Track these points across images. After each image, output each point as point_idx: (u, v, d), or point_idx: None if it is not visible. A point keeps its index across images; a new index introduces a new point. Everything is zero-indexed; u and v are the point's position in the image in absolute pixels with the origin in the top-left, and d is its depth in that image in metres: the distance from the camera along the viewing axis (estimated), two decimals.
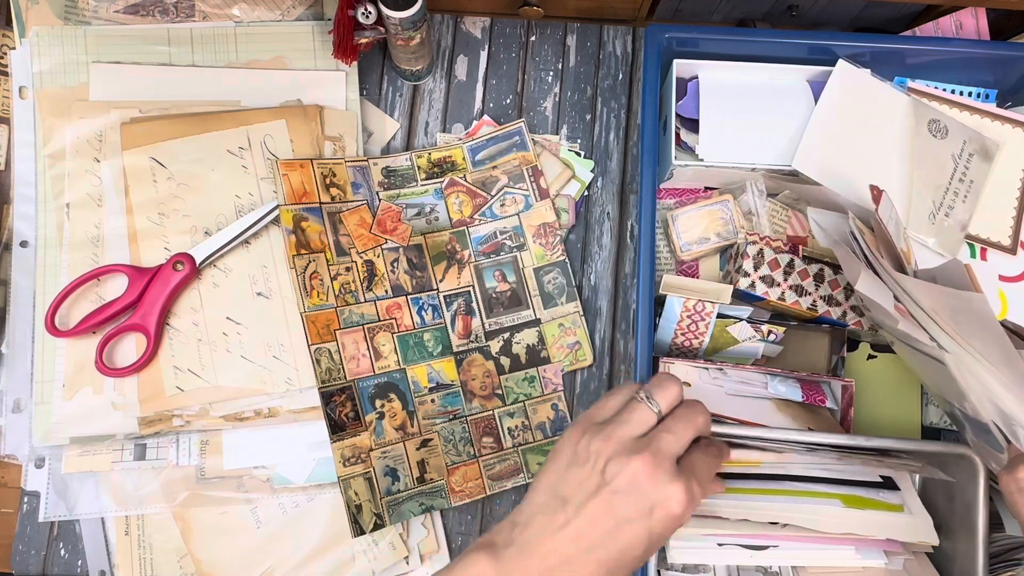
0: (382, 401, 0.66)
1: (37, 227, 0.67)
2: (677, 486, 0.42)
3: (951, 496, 0.56)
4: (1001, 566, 0.59)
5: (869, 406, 0.68)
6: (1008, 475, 0.47)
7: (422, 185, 0.71)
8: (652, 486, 0.41)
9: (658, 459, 0.42)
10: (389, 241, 0.69)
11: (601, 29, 0.76)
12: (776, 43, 0.64)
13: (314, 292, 0.66)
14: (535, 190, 0.71)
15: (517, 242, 0.71)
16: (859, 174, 0.62)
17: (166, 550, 0.64)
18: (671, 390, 0.45)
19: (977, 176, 0.63)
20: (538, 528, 0.42)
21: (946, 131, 0.63)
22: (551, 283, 0.71)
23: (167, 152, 0.68)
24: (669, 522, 0.42)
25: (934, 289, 0.49)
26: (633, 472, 0.41)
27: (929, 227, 0.62)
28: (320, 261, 0.67)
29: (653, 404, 0.45)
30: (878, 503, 0.54)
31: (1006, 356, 0.47)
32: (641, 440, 0.43)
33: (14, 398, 0.66)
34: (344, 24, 0.66)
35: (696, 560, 0.55)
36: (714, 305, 0.62)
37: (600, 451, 0.43)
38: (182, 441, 0.66)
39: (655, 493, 0.41)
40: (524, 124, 0.72)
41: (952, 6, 0.69)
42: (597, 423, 0.44)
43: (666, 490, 0.41)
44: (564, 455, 0.44)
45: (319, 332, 0.66)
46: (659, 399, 0.45)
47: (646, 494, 0.41)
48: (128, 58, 0.69)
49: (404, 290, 0.69)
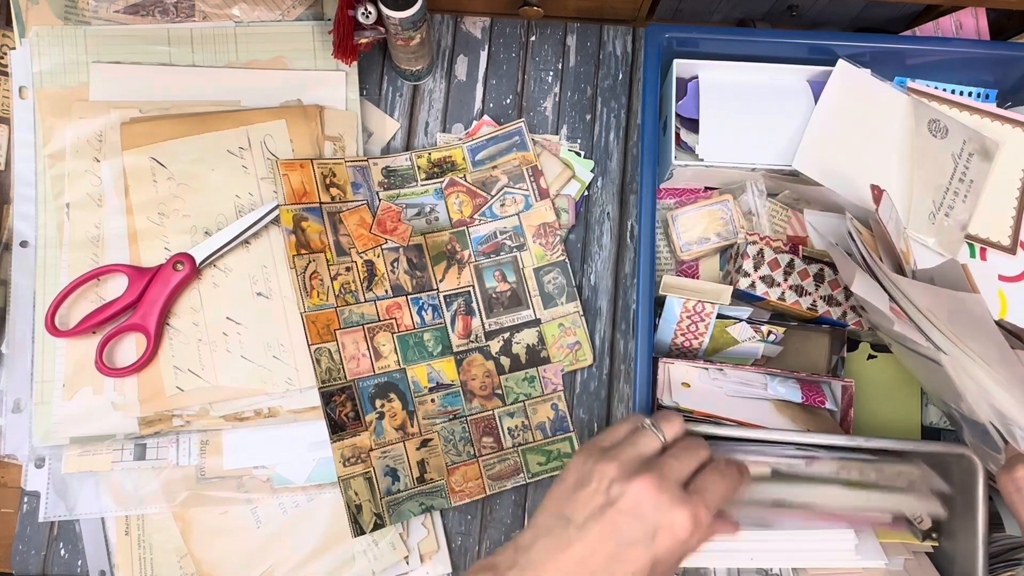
0: (382, 401, 0.66)
1: (37, 227, 0.67)
2: (682, 510, 0.41)
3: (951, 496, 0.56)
4: (1001, 566, 0.59)
5: (869, 406, 0.68)
6: (1006, 475, 0.48)
7: (422, 185, 0.71)
8: (656, 508, 0.41)
9: (664, 481, 0.42)
10: (389, 241, 0.69)
11: (601, 29, 0.76)
12: (776, 43, 0.64)
13: (314, 292, 0.66)
14: (535, 190, 0.71)
15: (517, 242, 0.71)
16: (859, 174, 0.62)
17: (166, 550, 0.65)
18: (675, 423, 0.46)
19: (977, 176, 0.63)
20: (541, 550, 0.42)
21: (946, 131, 0.63)
22: (551, 283, 0.71)
23: (167, 152, 0.68)
24: (674, 547, 0.41)
25: (930, 290, 0.49)
26: (638, 492, 0.41)
27: (929, 227, 0.62)
28: (320, 261, 0.67)
29: (659, 432, 0.45)
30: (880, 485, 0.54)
31: (1003, 356, 0.47)
32: (646, 463, 0.43)
33: (14, 398, 0.66)
34: (344, 24, 0.66)
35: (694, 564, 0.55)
36: (714, 306, 0.62)
37: (605, 472, 0.43)
38: (182, 441, 0.66)
39: (659, 516, 0.41)
40: (524, 124, 0.72)
41: (952, 6, 0.69)
42: (603, 448, 0.45)
43: (670, 514, 0.41)
44: (569, 478, 0.44)
45: (319, 332, 0.66)
46: (664, 429, 0.46)
47: (649, 516, 0.41)
48: (128, 58, 0.69)
49: (404, 290, 0.69)
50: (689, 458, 0.44)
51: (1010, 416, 0.49)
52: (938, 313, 0.49)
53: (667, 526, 0.41)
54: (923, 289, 0.49)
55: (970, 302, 0.46)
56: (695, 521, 0.41)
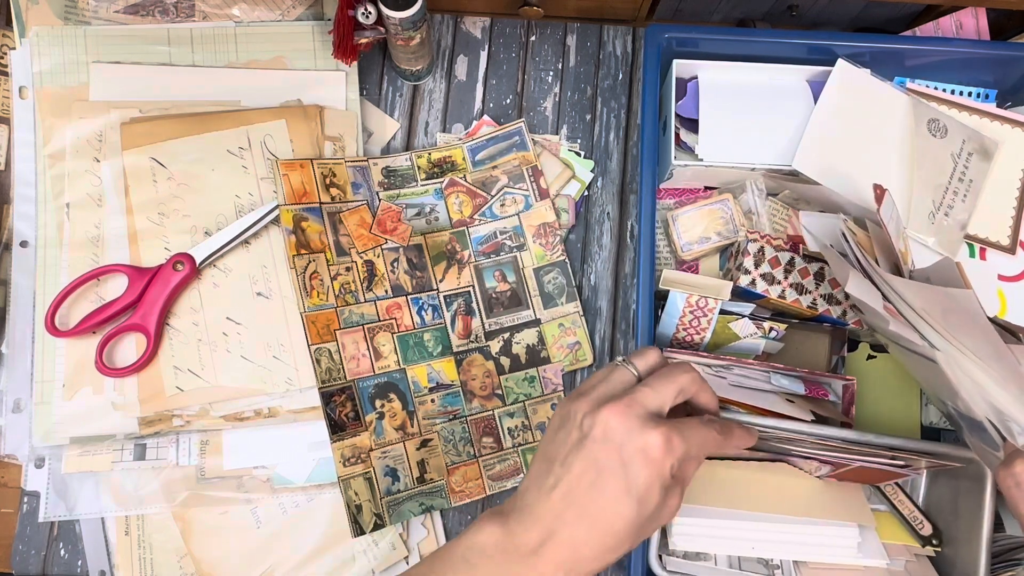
0: (382, 401, 0.66)
1: (37, 227, 0.67)
2: (653, 432, 0.41)
3: (956, 499, 0.56)
4: (1001, 566, 0.59)
5: (869, 406, 0.68)
6: (1005, 471, 0.48)
7: (422, 185, 0.71)
8: (627, 432, 0.42)
9: (631, 407, 0.42)
10: (389, 241, 0.69)
11: (601, 29, 0.76)
12: (776, 43, 0.64)
13: (314, 292, 0.66)
14: (535, 190, 0.71)
15: (517, 242, 0.71)
16: (859, 174, 0.62)
17: (166, 550, 0.64)
18: (650, 355, 0.47)
19: (976, 175, 0.63)
20: (533, 492, 0.43)
21: (945, 130, 0.63)
22: (551, 283, 0.71)
23: (167, 152, 0.68)
24: (650, 472, 0.41)
25: (924, 288, 0.49)
26: (605, 419, 0.42)
27: (929, 226, 0.62)
28: (320, 261, 0.67)
29: (631, 366, 0.46)
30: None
31: (996, 352, 0.47)
32: (618, 395, 0.44)
33: (14, 398, 0.66)
34: (344, 24, 0.66)
35: (695, 548, 0.55)
36: (717, 301, 0.62)
37: (578, 409, 0.44)
38: (182, 441, 0.66)
39: (630, 439, 0.41)
40: (524, 124, 0.72)
41: (952, 6, 0.69)
42: (580, 391, 0.46)
43: (641, 436, 0.41)
44: (553, 424, 0.46)
45: (319, 332, 0.66)
46: (637, 362, 0.46)
47: (621, 440, 0.42)
48: (128, 58, 0.69)
49: (404, 290, 0.69)
50: (663, 385, 0.44)
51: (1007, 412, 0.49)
52: (932, 311, 0.49)
53: (639, 448, 0.41)
54: (917, 288, 0.49)
55: (962, 298, 0.46)
56: (667, 443, 0.41)
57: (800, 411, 0.59)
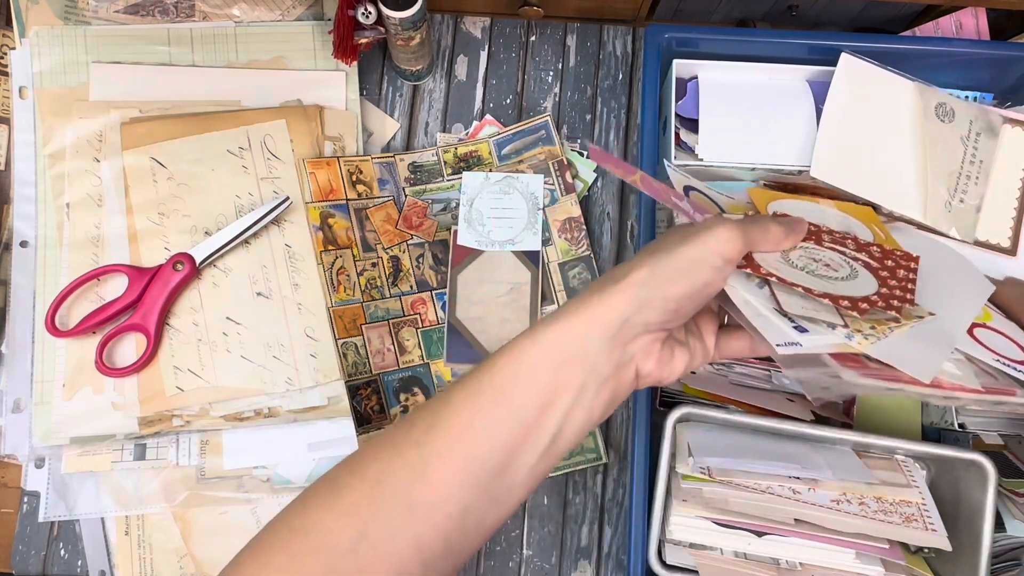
0: (406, 395, 0.67)
1: (37, 227, 0.67)
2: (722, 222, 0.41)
3: (957, 501, 0.56)
4: (1001, 566, 0.59)
5: (869, 406, 0.68)
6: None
7: (448, 180, 0.71)
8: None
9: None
10: (415, 237, 0.70)
11: (601, 29, 0.76)
12: (776, 43, 0.64)
13: (341, 287, 0.67)
14: (561, 184, 0.71)
15: (543, 236, 0.71)
16: (880, 172, 0.61)
17: (166, 550, 0.64)
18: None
19: (986, 155, 0.63)
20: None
21: (952, 113, 0.62)
22: (576, 278, 0.71)
23: (167, 152, 0.68)
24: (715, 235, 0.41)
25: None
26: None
27: (946, 216, 0.61)
28: (347, 257, 0.68)
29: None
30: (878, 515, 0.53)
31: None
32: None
33: (14, 398, 0.66)
34: (344, 24, 0.66)
35: (694, 539, 0.55)
36: None
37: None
38: (182, 441, 0.66)
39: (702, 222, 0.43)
40: (550, 118, 0.72)
41: (952, 6, 0.69)
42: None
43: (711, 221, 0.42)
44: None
45: (345, 327, 0.66)
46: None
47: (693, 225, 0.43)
48: (128, 58, 0.69)
49: (429, 285, 0.69)
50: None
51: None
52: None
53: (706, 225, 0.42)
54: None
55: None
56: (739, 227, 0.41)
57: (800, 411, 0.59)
